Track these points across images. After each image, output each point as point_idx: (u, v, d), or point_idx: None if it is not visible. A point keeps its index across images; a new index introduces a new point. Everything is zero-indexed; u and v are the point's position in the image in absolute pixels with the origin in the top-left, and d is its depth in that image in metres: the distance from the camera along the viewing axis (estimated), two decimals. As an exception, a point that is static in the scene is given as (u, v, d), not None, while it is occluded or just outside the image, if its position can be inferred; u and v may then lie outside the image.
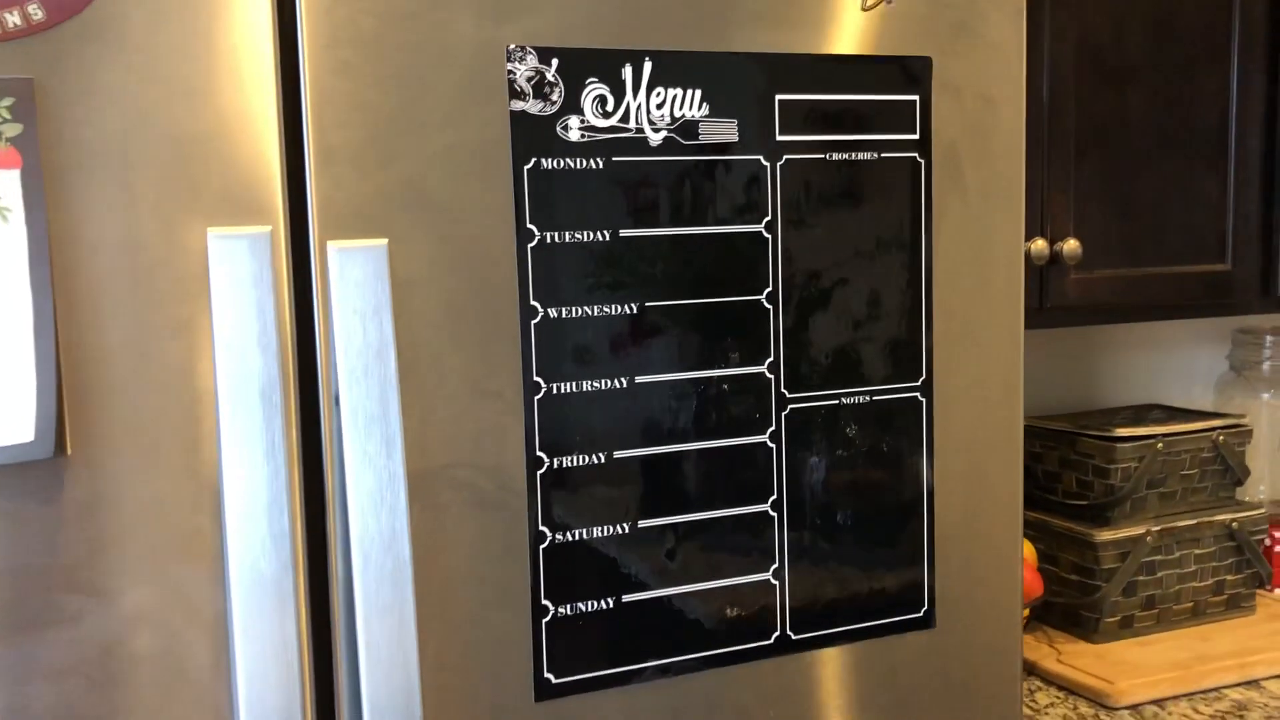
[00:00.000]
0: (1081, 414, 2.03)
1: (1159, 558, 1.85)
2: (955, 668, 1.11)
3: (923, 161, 1.05)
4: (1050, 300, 1.70)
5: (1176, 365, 2.23)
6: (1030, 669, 1.76)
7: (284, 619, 0.82)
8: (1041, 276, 1.69)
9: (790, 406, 1.02)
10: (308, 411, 0.88)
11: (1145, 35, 1.69)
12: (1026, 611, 1.77)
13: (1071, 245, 1.67)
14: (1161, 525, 1.84)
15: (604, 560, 0.96)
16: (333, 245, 0.85)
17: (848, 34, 1.01)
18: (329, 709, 0.89)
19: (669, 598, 0.99)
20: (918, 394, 1.07)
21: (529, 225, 0.92)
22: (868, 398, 1.05)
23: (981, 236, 1.09)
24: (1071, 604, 1.85)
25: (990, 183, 1.09)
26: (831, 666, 1.05)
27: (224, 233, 0.82)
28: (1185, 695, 1.67)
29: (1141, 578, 1.84)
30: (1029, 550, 1.84)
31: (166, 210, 0.82)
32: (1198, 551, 1.88)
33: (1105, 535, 1.82)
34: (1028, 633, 1.87)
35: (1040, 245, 1.66)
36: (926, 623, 1.09)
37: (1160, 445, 1.85)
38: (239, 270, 0.82)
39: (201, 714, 0.84)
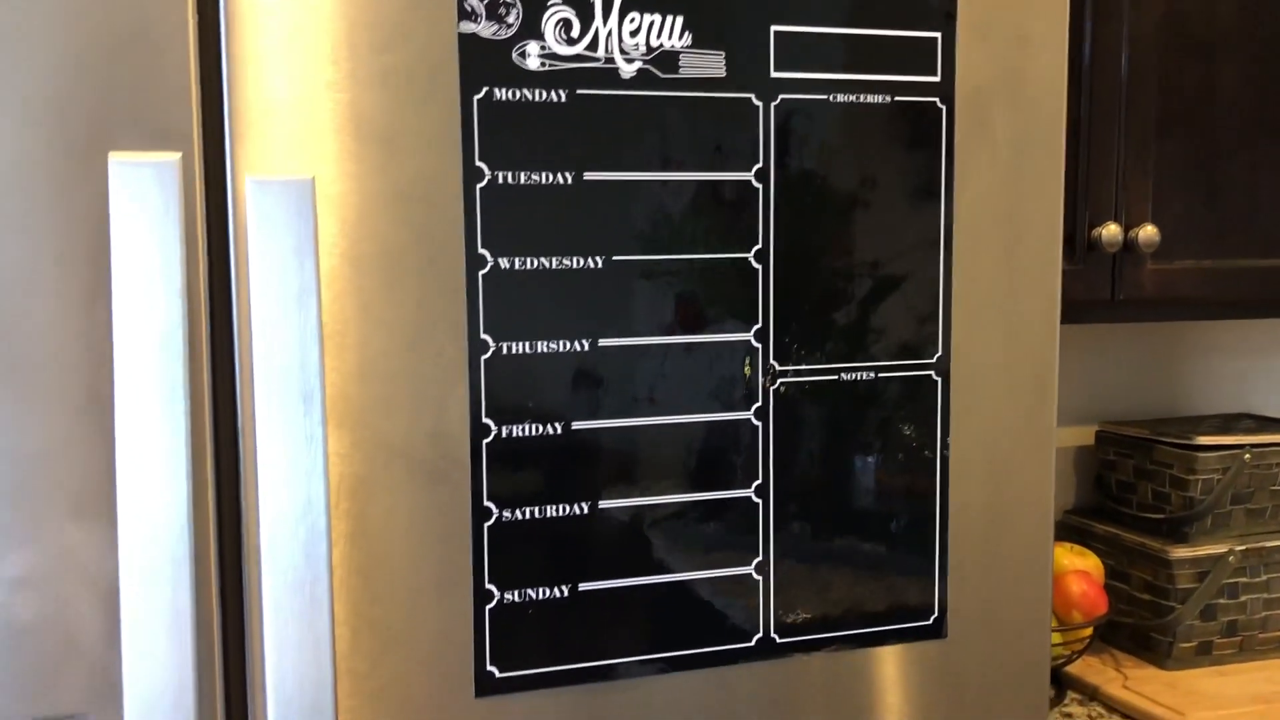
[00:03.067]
0: (1162, 421, 1.86)
1: (1243, 580, 1.68)
2: (971, 685, 0.97)
3: (944, 108, 0.93)
4: (1123, 292, 1.55)
5: (1273, 371, 2.03)
6: (1092, 694, 1.61)
7: (177, 588, 0.74)
8: (1114, 266, 1.55)
9: (780, 380, 0.90)
10: (221, 363, 0.79)
11: (1238, 3, 1.53)
12: (1089, 631, 1.61)
13: (1148, 232, 1.52)
14: (1247, 545, 1.67)
15: (559, 544, 0.86)
16: (251, 178, 0.76)
17: (857, -41, 0.90)
18: (242, 692, 0.80)
19: (633, 589, 0.88)
20: (932, 373, 0.94)
21: (478, 163, 0.82)
22: (872, 374, 0.93)
23: (1013, 196, 0.96)
24: (1142, 626, 1.69)
25: (1024, 135, 0.96)
26: (822, 676, 0.93)
27: (127, 159, 0.74)
28: (1266, 733, 1.50)
29: (1222, 601, 1.67)
30: (1095, 564, 1.68)
31: (65, 133, 0.74)
32: (1288, 575, 1.70)
33: (1182, 552, 1.66)
34: (1092, 654, 1.71)
35: (1113, 230, 1.51)
36: (936, 632, 0.96)
37: (1248, 456, 1.68)
38: (143, 201, 0.74)
39: (93, 689, 0.76)
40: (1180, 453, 1.69)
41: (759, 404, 0.90)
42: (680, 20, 0.85)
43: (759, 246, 0.89)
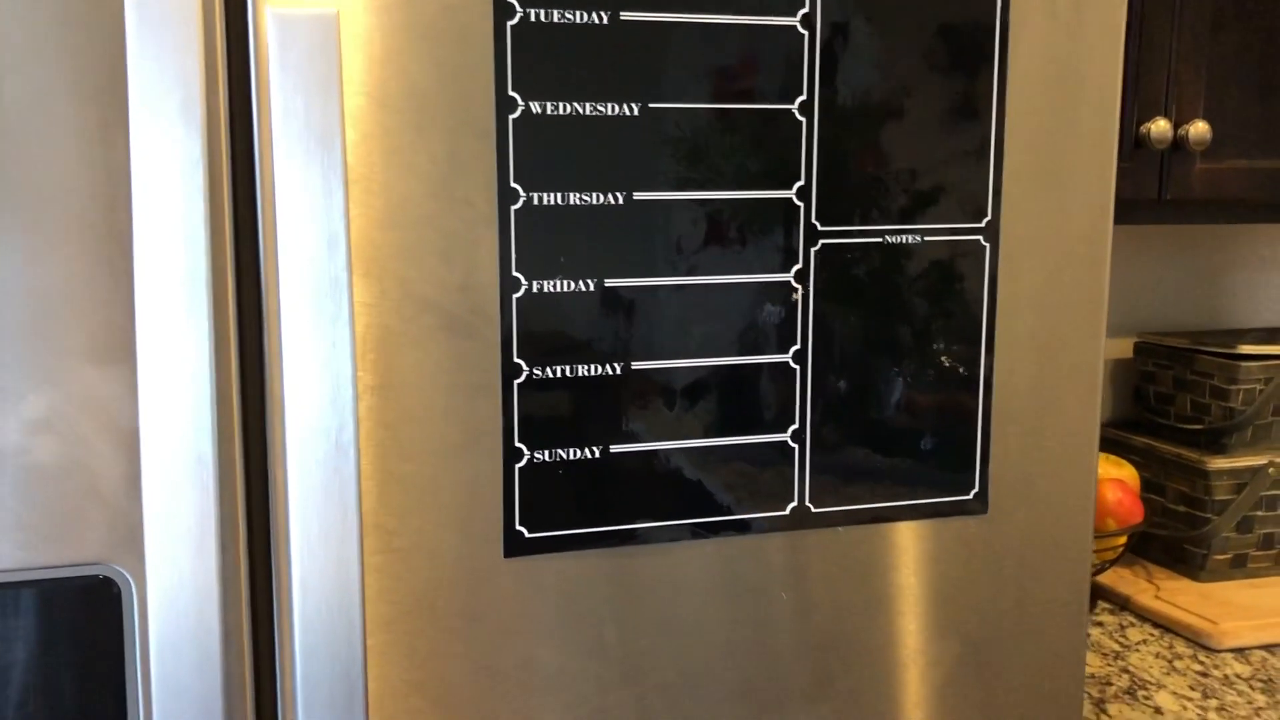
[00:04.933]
0: (1204, 332, 1.82)
1: (1282, 492, 1.65)
2: (1010, 563, 0.95)
3: (1000, -43, 0.88)
4: (1170, 191, 1.50)
5: (1321, 283, 1.98)
6: (1124, 604, 1.59)
7: (199, 434, 0.72)
8: (1162, 163, 1.49)
9: (822, 242, 0.87)
10: (243, 203, 0.76)
11: (1305, -118, 1.46)
12: (1123, 540, 1.58)
13: (1199, 128, 1.46)
14: (1288, 456, 1.64)
15: (591, 404, 0.83)
16: (272, 9, 0.73)
17: None
18: (265, 541, 0.79)
19: (666, 453, 0.85)
20: (980, 238, 0.90)
21: None
22: (918, 238, 0.89)
23: (1070, 59, 0.91)
24: (1176, 537, 1.66)
25: (1085, 3, 0.91)
26: (858, 547, 0.91)
27: (144, -17, 0.71)
28: (1302, 642, 1.48)
29: (1260, 513, 1.64)
30: (1130, 473, 1.65)
31: (77, -47, 0.71)
32: (1329, 488, 1.67)
33: (1220, 463, 1.62)
34: (1124, 566, 1.68)
35: (1162, 126, 1.46)
36: (978, 507, 0.93)
37: (1292, 366, 1.64)
38: (159, 33, 0.71)
39: (114, 533, 0.75)
40: (1222, 362, 1.65)
41: (799, 266, 0.86)
42: None
43: (803, 98, 0.85)
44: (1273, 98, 1.51)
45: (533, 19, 0.79)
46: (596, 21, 0.80)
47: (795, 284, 0.87)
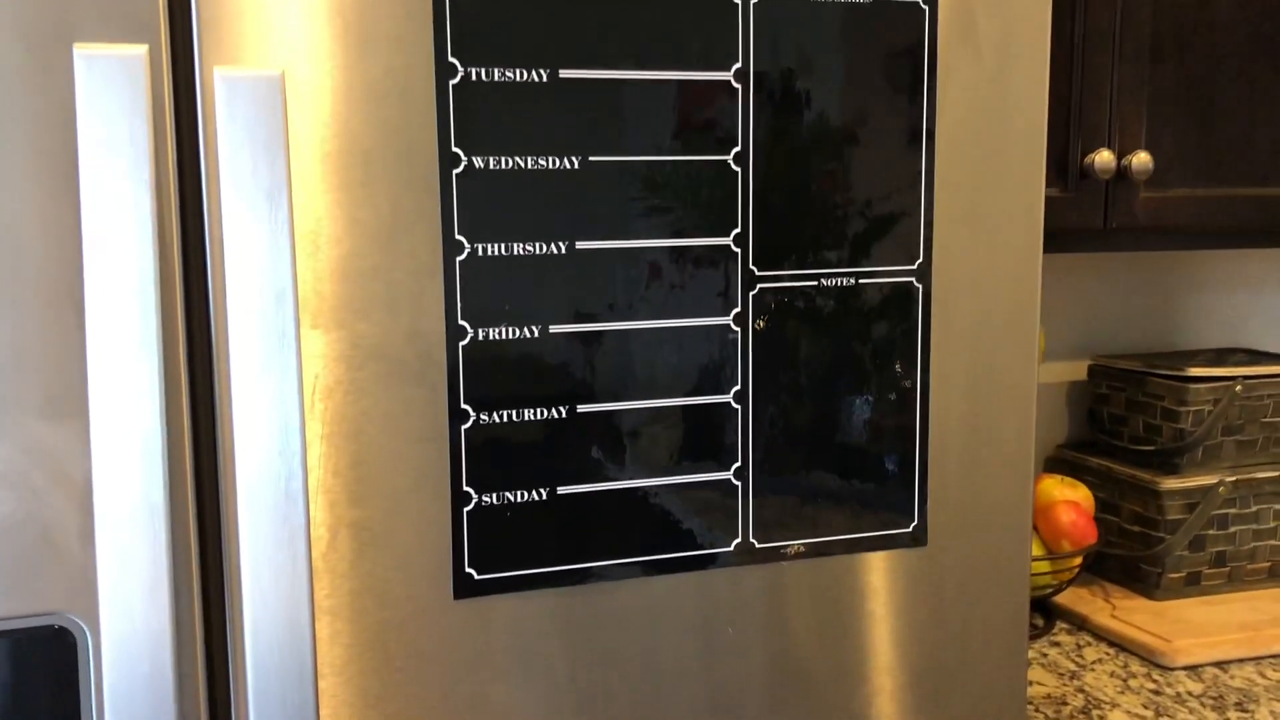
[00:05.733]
0: (1156, 354, 1.86)
1: (1233, 511, 1.68)
2: (951, 593, 0.97)
3: (927, 9, 0.91)
4: (1116, 220, 1.54)
5: (1267, 305, 2.02)
6: (1080, 623, 1.62)
7: (150, 485, 0.74)
8: (1107, 193, 1.53)
9: (759, 286, 0.90)
10: (193, 260, 0.78)
11: (1236, -77, 1.51)
12: (1078, 561, 1.62)
13: (1142, 159, 1.50)
14: (1237, 475, 1.67)
15: (537, 447, 0.86)
16: (219, 71, 0.75)
17: None
18: (219, 589, 0.80)
19: (612, 493, 0.88)
20: (913, 279, 0.93)
21: (451, 59, 0.81)
22: (853, 280, 0.92)
23: (997, 102, 0.94)
24: (1131, 557, 1.69)
25: (1009, 42, 0.94)
26: (802, 581, 0.93)
27: (92, 51, 0.73)
28: (1253, 659, 1.51)
29: (1211, 532, 1.68)
30: (1085, 496, 1.69)
31: (26, 23, 0.73)
32: (1278, 507, 1.70)
33: (1171, 483, 1.66)
34: (1081, 585, 1.72)
35: (1106, 157, 1.50)
36: (916, 540, 0.96)
37: (1239, 388, 1.68)
38: (109, 95, 0.73)
39: (69, 584, 0.76)
40: (1172, 384, 1.69)
41: (738, 309, 0.89)
42: (656, -85, 0.84)
43: (738, 149, 0.88)
44: (1212, 128, 1.56)
45: (474, 78, 0.81)
46: (536, 80, 0.83)
47: (734, 327, 0.89)
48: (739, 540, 0.91)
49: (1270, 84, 1.56)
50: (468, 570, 0.85)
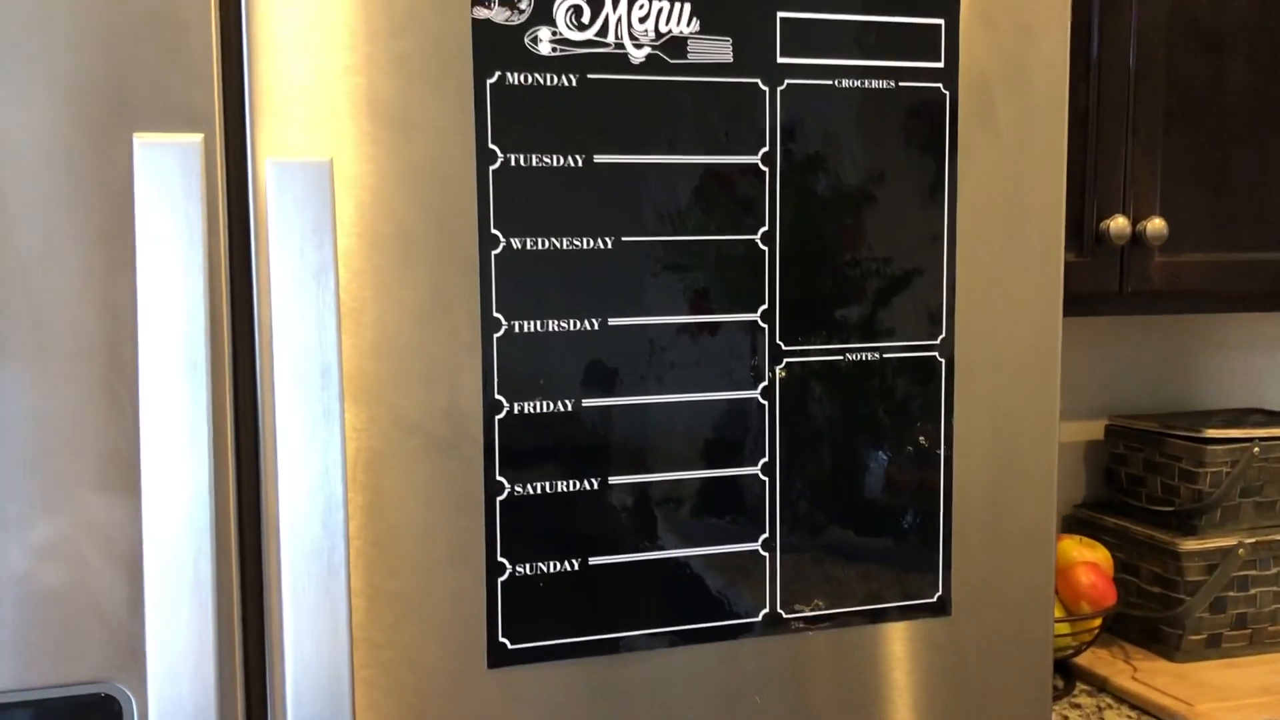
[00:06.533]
0: (1172, 415, 1.87)
1: (1253, 573, 1.69)
2: (974, 662, 0.99)
3: (948, 94, 0.95)
4: (1132, 285, 1.56)
5: (1284, 366, 2.04)
6: (1101, 685, 1.62)
7: (199, 557, 0.76)
8: (1123, 258, 1.56)
9: (786, 360, 0.92)
10: (242, 338, 0.81)
11: (1248, -6, 1.54)
12: (1098, 622, 1.62)
13: (1156, 225, 1.53)
14: (1256, 538, 1.68)
15: (569, 518, 0.88)
16: (271, 160, 0.79)
17: (861, -52, 0.91)
18: (260, 658, 0.82)
19: (643, 564, 0.90)
20: (936, 354, 0.96)
21: (491, 146, 0.84)
22: (876, 354, 0.94)
23: (1015, 182, 0.97)
24: (1151, 618, 1.69)
25: (1027, 123, 0.97)
26: (828, 651, 0.95)
27: (151, 140, 0.76)
28: (1274, 724, 1.51)
29: (1232, 594, 1.68)
30: (1103, 555, 1.69)
31: (90, 113, 0.77)
32: (1298, 569, 1.71)
33: (1191, 545, 1.67)
34: (1101, 646, 1.72)
35: (1121, 223, 1.52)
36: (940, 610, 0.97)
37: (1256, 449, 1.69)
38: (166, 181, 0.76)
39: (117, 654, 0.79)
40: (1189, 445, 1.70)
41: (765, 383, 0.92)
42: (688, 7, 0.87)
43: (765, 229, 0.91)
44: (1224, 193, 1.58)
45: (513, 163, 0.85)
46: (572, 164, 0.86)
47: (762, 400, 0.92)
48: (766, 611, 0.93)
49: (1279, 151, 1.59)
50: (501, 640, 0.87)
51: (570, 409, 0.87)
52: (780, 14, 0.90)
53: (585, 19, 0.85)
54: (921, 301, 0.95)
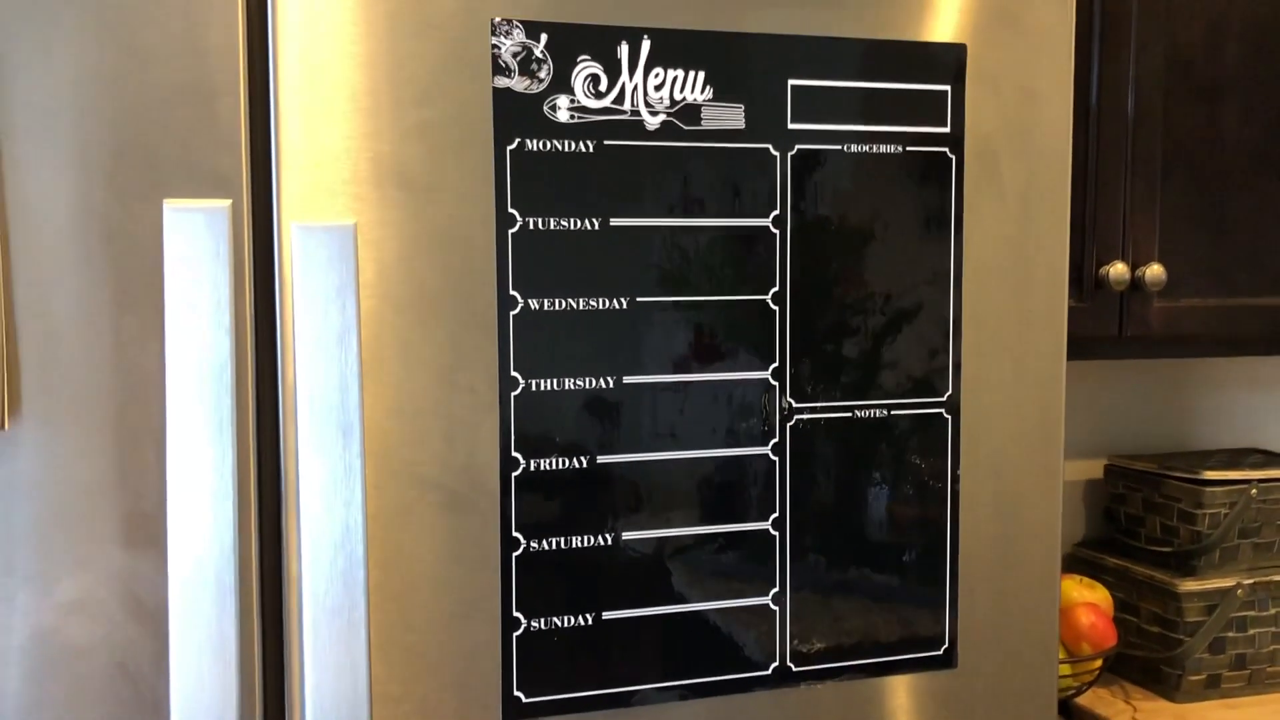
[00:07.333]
0: (1171, 455, 1.89)
1: (1251, 613, 1.70)
2: (979, 713, 1.00)
3: (954, 158, 0.97)
4: (1131, 329, 1.58)
5: (1280, 406, 2.06)
6: (1101, 727, 1.63)
7: (223, 614, 0.78)
8: (1122, 303, 1.58)
9: (796, 418, 0.94)
10: (266, 398, 0.83)
11: (1242, 46, 1.57)
12: (1099, 663, 1.63)
13: (1155, 270, 1.55)
14: (1255, 578, 1.69)
15: (583, 573, 0.90)
16: (296, 224, 0.81)
17: (870, 16, 0.94)
18: (280, 713, 0.84)
19: (655, 618, 0.91)
20: (942, 410, 0.98)
21: (510, 210, 0.87)
22: (885, 412, 0.96)
23: (1020, 243, 1.00)
24: (1151, 658, 1.71)
25: (1031, 184, 0.99)
26: (837, 704, 0.96)
27: (181, 205, 0.79)
28: (1274, 766, 1.52)
29: (1231, 634, 1.69)
30: (1103, 596, 1.71)
31: (122, 179, 0.79)
32: (1297, 610, 1.72)
33: (1190, 585, 1.68)
34: (1101, 686, 1.73)
35: (1120, 270, 1.54)
36: (947, 662, 0.99)
37: (1254, 491, 1.70)
38: (195, 245, 0.78)
39: (141, 710, 0.80)
40: (1188, 487, 1.71)
41: (776, 440, 0.94)
42: (702, 75, 0.90)
43: (776, 289, 0.93)
44: (1222, 239, 1.60)
45: (532, 227, 0.87)
46: (589, 227, 0.88)
47: (772, 456, 0.94)
48: (777, 664, 0.94)
49: (1277, 197, 1.61)
50: (516, 693, 0.88)
51: (585, 465, 0.89)
52: (791, 81, 0.92)
53: (603, 87, 0.88)
54: (928, 360, 0.97)
